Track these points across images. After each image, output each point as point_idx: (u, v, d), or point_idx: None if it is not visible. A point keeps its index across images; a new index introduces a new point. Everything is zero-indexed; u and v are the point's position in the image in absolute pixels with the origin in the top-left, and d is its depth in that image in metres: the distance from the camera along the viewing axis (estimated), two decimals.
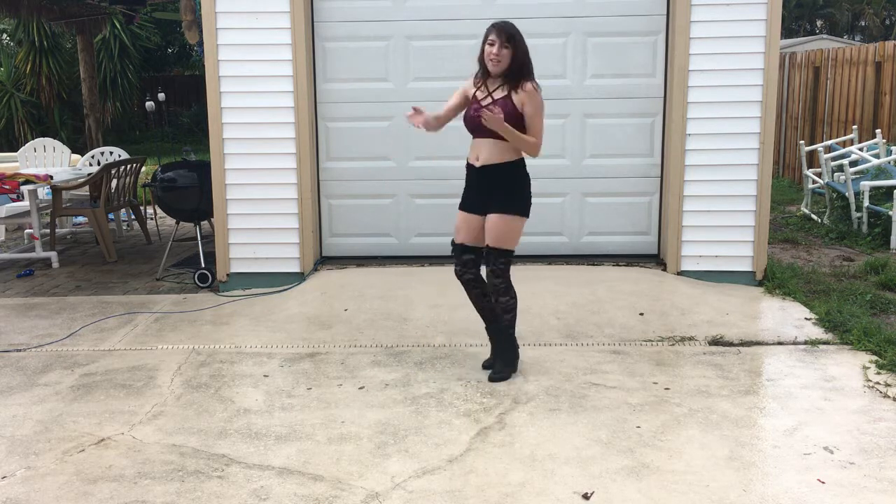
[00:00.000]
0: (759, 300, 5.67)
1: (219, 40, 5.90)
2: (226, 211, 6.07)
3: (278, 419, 3.88)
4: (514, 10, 6.12)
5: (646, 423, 3.76)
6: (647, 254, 6.39)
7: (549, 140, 6.27)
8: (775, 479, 3.24)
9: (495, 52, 4.05)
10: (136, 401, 4.14)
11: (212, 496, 3.18)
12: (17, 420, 3.93)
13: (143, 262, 7.36)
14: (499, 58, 4.05)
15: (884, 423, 3.74)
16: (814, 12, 29.83)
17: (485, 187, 4.21)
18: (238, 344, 4.99)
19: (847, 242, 7.68)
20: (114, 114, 18.69)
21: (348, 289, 5.90)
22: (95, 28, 11.93)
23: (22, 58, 17.38)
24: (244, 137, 6.00)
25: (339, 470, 3.37)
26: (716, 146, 5.89)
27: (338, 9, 6.21)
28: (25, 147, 9.38)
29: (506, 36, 4.04)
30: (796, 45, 16.71)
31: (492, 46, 4.06)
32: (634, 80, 6.19)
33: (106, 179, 7.44)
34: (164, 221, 9.28)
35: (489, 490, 3.18)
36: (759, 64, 5.77)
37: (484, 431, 3.70)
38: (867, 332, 4.83)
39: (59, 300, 6.07)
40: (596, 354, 4.69)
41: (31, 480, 3.33)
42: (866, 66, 10.50)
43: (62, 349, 4.96)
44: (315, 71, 6.25)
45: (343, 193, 6.43)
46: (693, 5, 5.77)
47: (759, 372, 4.43)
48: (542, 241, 6.40)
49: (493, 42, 4.05)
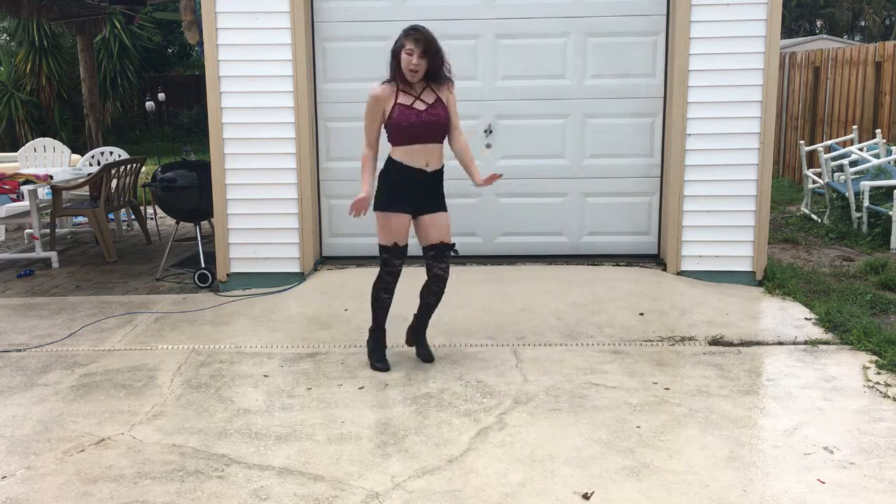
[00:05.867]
0: (759, 300, 5.67)
1: (219, 40, 5.90)
2: (226, 211, 6.07)
3: (278, 419, 3.88)
4: (514, 10, 6.13)
5: (646, 423, 3.77)
6: (647, 254, 6.39)
7: (549, 140, 6.30)
8: (775, 479, 3.24)
9: (414, 62, 4.11)
10: (136, 401, 4.14)
11: (212, 496, 3.18)
12: (17, 420, 3.93)
13: (143, 262, 7.36)
14: (417, 68, 4.14)
15: (884, 423, 3.74)
16: (814, 12, 29.83)
17: (432, 190, 4.36)
18: (238, 344, 5.00)
19: (847, 242, 7.68)
20: (114, 114, 18.69)
21: (348, 289, 5.90)
22: (95, 28, 11.92)
23: (22, 58, 17.39)
24: (244, 137, 6.00)
25: (339, 470, 3.37)
26: (716, 146, 5.89)
27: (338, 9, 6.21)
28: (25, 147, 9.39)
29: (423, 46, 4.11)
30: (796, 45, 16.71)
31: (410, 56, 4.11)
32: (634, 80, 6.19)
33: (106, 179, 7.44)
34: (164, 221, 9.28)
35: (489, 490, 3.18)
36: (759, 64, 5.78)
37: (484, 431, 3.70)
38: (867, 332, 4.83)
39: (59, 300, 6.07)
40: (596, 354, 4.69)
41: (31, 480, 3.33)
42: (866, 66, 10.50)
43: (62, 349, 4.96)
44: (315, 71, 6.25)
45: (343, 193, 6.42)
46: (693, 5, 5.78)
47: (759, 372, 4.43)
48: (542, 241, 6.40)
49: (412, 52, 4.11)
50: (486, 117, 6.27)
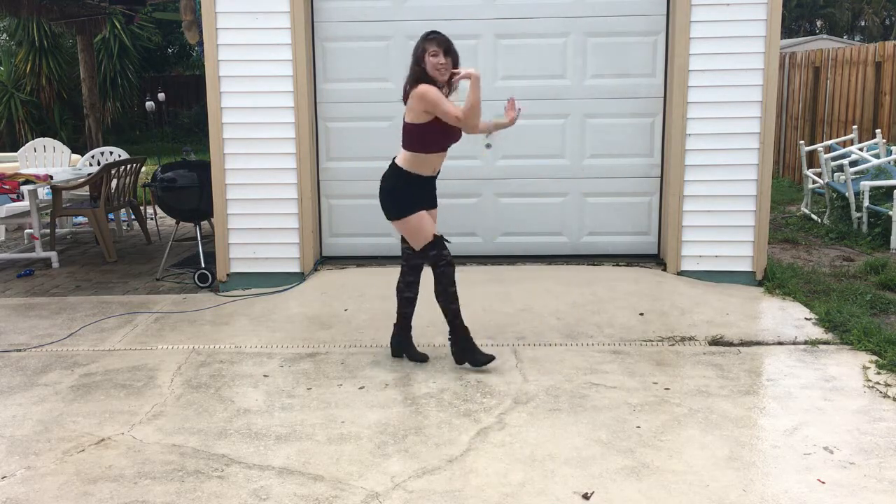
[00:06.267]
0: (759, 300, 5.67)
1: (219, 40, 5.90)
2: (226, 211, 6.07)
3: (278, 419, 3.88)
4: (514, 9, 6.14)
5: (646, 423, 3.77)
6: (647, 254, 6.39)
7: (549, 140, 6.30)
8: (775, 479, 3.24)
9: (442, 61, 4.21)
10: (136, 401, 4.14)
11: (212, 496, 3.18)
12: (17, 420, 3.93)
13: (143, 262, 7.36)
14: (445, 67, 4.23)
15: (884, 423, 3.74)
16: (814, 12, 29.83)
17: (434, 188, 4.53)
18: (238, 344, 4.99)
19: (847, 242, 7.68)
20: (114, 114, 18.68)
21: (348, 289, 5.90)
22: (95, 28, 11.91)
23: (22, 58, 17.39)
24: (244, 137, 6.00)
25: (339, 470, 3.37)
26: (716, 146, 5.89)
27: (338, 9, 6.21)
28: (25, 147, 9.39)
29: (445, 46, 4.23)
30: (796, 45, 16.71)
31: (436, 57, 4.20)
32: (634, 80, 6.19)
33: (106, 179, 7.44)
34: (164, 221, 9.28)
35: (489, 490, 3.18)
36: (759, 64, 5.78)
37: (484, 431, 3.70)
38: (867, 332, 4.83)
39: (59, 300, 6.07)
40: (596, 354, 4.69)
41: (31, 480, 3.33)
42: (866, 66, 10.50)
43: (62, 349, 4.96)
44: (315, 71, 6.25)
45: (343, 193, 6.43)
46: (693, 5, 5.78)
47: (759, 372, 4.43)
48: (542, 241, 6.40)
49: (436, 53, 4.21)
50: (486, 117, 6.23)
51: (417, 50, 4.27)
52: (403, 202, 4.36)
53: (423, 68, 4.24)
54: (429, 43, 4.22)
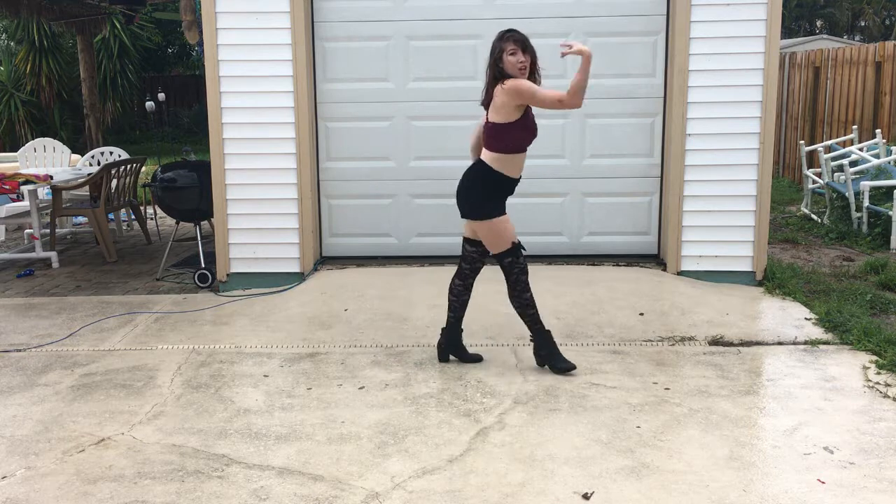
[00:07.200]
0: (759, 300, 5.67)
1: (219, 40, 5.90)
2: (226, 211, 6.08)
3: (278, 419, 3.88)
4: (514, 9, 6.13)
5: (646, 422, 3.77)
6: (647, 254, 6.39)
7: (549, 140, 6.30)
8: (775, 479, 3.24)
9: (521, 59, 4.14)
10: (136, 401, 4.14)
11: (212, 496, 3.18)
12: (17, 420, 3.93)
13: (143, 262, 7.36)
14: (525, 65, 4.16)
15: (884, 423, 3.74)
16: (814, 12, 29.84)
17: None
18: (238, 344, 5.00)
19: (847, 242, 7.68)
20: (114, 114, 18.68)
21: (348, 289, 5.90)
22: (95, 28, 11.92)
23: (22, 58, 17.38)
24: (244, 137, 6.00)
25: (339, 470, 3.37)
26: (716, 146, 5.89)
27: (338, 9, 6.22)
28: (25, 147, 9.38)
29: (523, 44, 4.16)
30: (796, 45, 16.72)
31: (514, 56, 4.13)
32: (634, 80, 6.19)
33: (106, 179, 7.44)
34: (164, 221, 9.28)
35: (489, 490, 3.18)
36: (759, 64, 5.78)
37: (484, 431, 3.70)
38: (867, 332, 4.83)
39: (59, 300, 6.07)
40: (596, 354, 4.69)
41: (31, 480, 3.33)
42: (866, 66, 10.50)
43: (62, 349, 4.96)
44: (315, 71, 6.25)
45: (343, 193, 6.43)
46: (693, 5, 5.78)
47: (759, 372, 4.43)
48: (542, 241, 6.40)
49: (514, 51, 4.13)
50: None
51: (494, 50, 4.18)
52: (491, 203, 4.26)
53: (501, 68, 4.16)
54: (506, 42, 4.15)
